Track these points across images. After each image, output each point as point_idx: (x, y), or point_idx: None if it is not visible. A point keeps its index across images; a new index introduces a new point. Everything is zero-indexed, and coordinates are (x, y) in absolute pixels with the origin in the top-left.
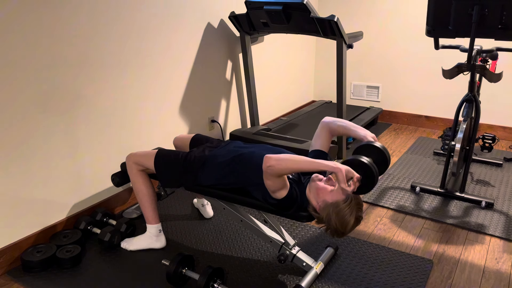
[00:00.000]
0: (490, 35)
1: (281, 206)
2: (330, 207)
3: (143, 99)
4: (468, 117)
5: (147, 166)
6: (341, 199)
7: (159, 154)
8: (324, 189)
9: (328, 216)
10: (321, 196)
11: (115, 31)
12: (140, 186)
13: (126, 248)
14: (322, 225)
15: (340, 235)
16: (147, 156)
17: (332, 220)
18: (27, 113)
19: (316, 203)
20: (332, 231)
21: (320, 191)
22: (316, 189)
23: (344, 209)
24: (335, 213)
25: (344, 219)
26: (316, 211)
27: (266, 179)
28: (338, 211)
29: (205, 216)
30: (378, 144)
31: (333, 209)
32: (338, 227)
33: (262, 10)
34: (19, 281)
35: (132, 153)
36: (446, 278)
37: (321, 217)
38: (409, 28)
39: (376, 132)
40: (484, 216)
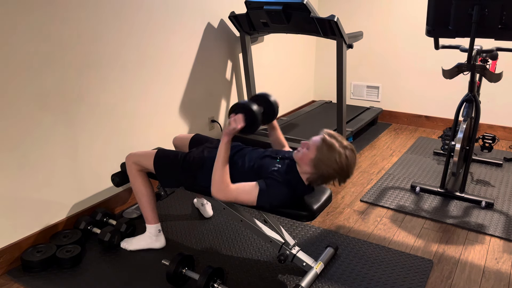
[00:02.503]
0: (490, 35)
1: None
2: (316, 159)
3: (143, 99)
4: (468, 117)
5: (146, 166)
6: (318, 147)
7: (158, 154)
8: (302, 156)
9: (322, 167)
10: (305, 161)
11: (115, 31)
12: (139, 186)
13: (126, 248)
14: (332, 182)
15: (346, 173)
16: (146, 156)
17: (329, 166)
18: (27, 113)
19: (309, 170)
20: (338, 175)
21: (301, 160)
22: (300, 161)
23: (327, 150)
24: (324, 159)
25: (333, 156)
26: (314, 174)
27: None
28: (323, 156)
29: (205, 215)
30: (272, 97)
31: (319, 157)
32: (336, 166)
33: (262, 10)
34: (19, 281)
35: (132, 153)
36: (446, 278)
37: (321, 173)
38: (409, 28)
39: (376, 132)
40: (484, 216)
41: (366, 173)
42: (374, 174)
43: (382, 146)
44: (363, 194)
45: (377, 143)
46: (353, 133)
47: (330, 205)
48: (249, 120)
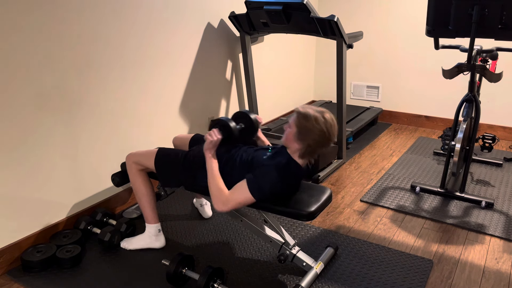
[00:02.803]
0: (490, 35)
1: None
2: (298, 132)
3: (143, 99)
4: (468, 117)
5: (146, 166)
6: (296, 121)
7: (159, 154)
8: (286, 136)
9: (306, 137)
10: (290, 139)
11: (115, 31)
12: (140, 186)
13: (126, 247)
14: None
15: (329, 135)
16: (147, 155)
17: (311, 133)
18: (27, 113)
19: (296, 145)
20: (323, 139)
21: (287, 140)
22: (287, 142)
23: (304, 120)
24: (304, 129)
25: (311, 123)
26: (302, 148)
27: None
28: (303, 126)
29: (204, 216)
30: (252, 115)
31: (299, 130)
32: (317, 131)
33: (262, 10)
34: (19, 281)
35: (132, 152)
36: (446, 278)
37: (307, 144)
38: (409, 28)
39: (376, 132)
40: (484, 216)
41: (366, 173)
42: (374, 174)
43: (382, 146)
44: (363, 194)
45: (377, 143)
46: (353, 133)
47: (330, 205)
48: (226, 134)
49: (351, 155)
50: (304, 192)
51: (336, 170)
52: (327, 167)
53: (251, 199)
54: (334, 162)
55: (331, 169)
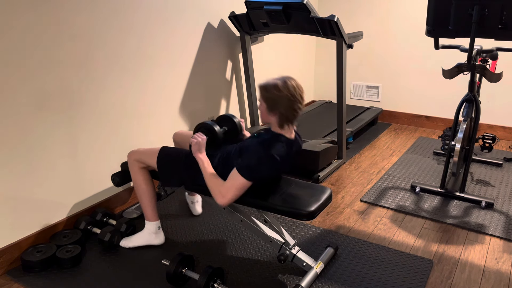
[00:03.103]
0: (490, 35)
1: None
2: (268, 106)
3: (143, 99)
4: (468, 117)
5: (148, 164)
6: (262, 97)
7: (162, 152)
8: (262, 115)
9: (276, 106)
10: (265, 115)
11: (115, 31)
12: (141, 183)
13: (125, 246)
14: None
15: (295, 94)
16: (149, 153)
17: (279, 99)
18: (27, 113)
19: (272, 118)
20: (292, 101)
21: (264, 117)
22: (265, 120)
23: (266, 91)
24: (271, 99)
25: (274, 91)
26: (278, 117)
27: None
28: (269, 98)
29: (194, 213)
30: (236, 119)
31: (268, 102)
32: (283, 95)
33: (262, 10)
34: (19, 281)
35: (134, 150)
36: (446, 278)
37: (280, 112)
38: (409, 28)
39: (376, 132)
40: (484, 216)
41: (366, 173)
42: (374, 174)
43: (382, 146)
44: (363, 194)
45: (377, 143)
46: (353, 133)
47: (330, 205)
48: (210, 136)
49: (351, 155)
50: (304, 192)
51: (336, 170)
52: (327, 167)
53: (245, 182)
54: (334, 162)
55: (331, 169)
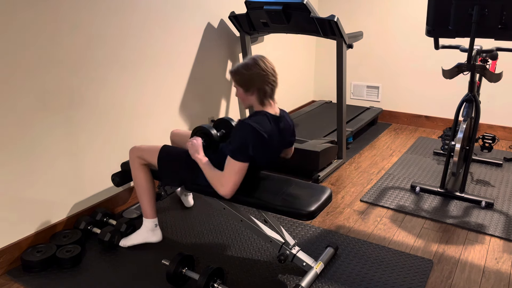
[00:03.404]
0: (490, 35)
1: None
2: (244, 88)
3: (143, 99)
4: (468, 117)
5: (149, 161)
6: (235, 82)
7: (163, 151)
8: (241, 99)
9: (251, 84)
10: (243, 97)
11: (115, 30)
12: (141, 180)
13: (124, 245)
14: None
15: (267, 69)
16: (150, 151)
17: (253, 77)
18: (26, 113)
19: (252, 98)
20: (265, 76)
21: (244, 100)
22: (245, 103)
23: (237, 74)
24: (245, 80)
25: (246, 70)
26: (257, 95)
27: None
28: (242, 79)
29: (186, 205)
30: (234, 122)
31: (242, 85)
32: (255, 72)
33: (262, 10)
34: (19, 281)
35: (136, 146)
36: (446, 278)
37: (257, 88)
38: (409, 28)
39: (376, 132)
40: (484, 216)
41: (366, 173)
42: (374, 174)
43: (382, 146)
44: (363, 194)
45: (377, 143)
46: (353, 133)
47: (330, 205)
48: (208, 140)
49: (351, 155)
50: (304, 192)
51: (336, 170)
52: (327, 167)
53: (240, 164)
54: (334, 162)
55: (331, 169)
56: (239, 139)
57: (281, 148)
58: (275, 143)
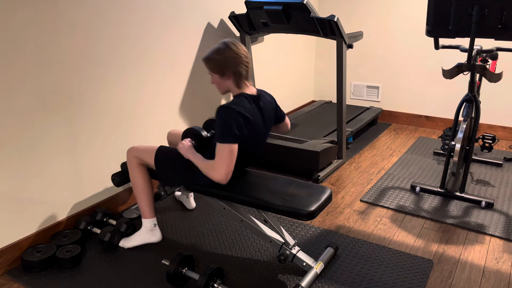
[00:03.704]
0: (490, 35)
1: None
2: (219, 75)
3: (143, 99)
4: (468, 117)
5: (146, 162)
6: (209, 69)
7: (159, 151)
8: (218, 87)
9: (226, 67)
10: (219, 82)
11: (114, 30)
12: (139, 180)
13: (124, 246)
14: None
15: (238, 55)
16: (147, 151)
17: (226, 60)
18: (26, 113)
19: (228, 82)
20: (238, 58)
21: (221, 87)
22: (223, 87)
23: (210, 60)
24: (218, 65)
25: (217, 55)
26: (233, 78)
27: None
28: (216, 64)
29: (188, 207)
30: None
31: (216, 71)
32: (228, 56)
33: (262, 10)
34: (19, 281)
35: (134, 146)
36: (446, 278)
37: (233, 71)
38: (409, 28)
39: (376, 132)
40: (484, 216)
41: (366, 173)
42: (374, 174)
43: (382, 146)
44: (363, 194)
45: (377, 143)
46: (353, 133)
47: (330, 205)
48: (198, 141)
49: (351, 155)
50: (304, 192)
51: (336, 170)
52: (327, 167)
53: (227, 146)
54: (334, 162)
55: (331, 169)
56: (221, 123)
57: (268, 127)
58: (258, 121)
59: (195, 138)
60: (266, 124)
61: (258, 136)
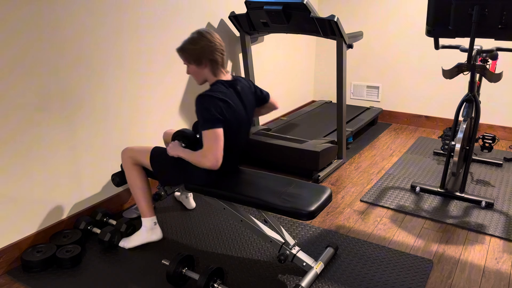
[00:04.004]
0: (490, 35)
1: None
2: (195, 64)
3: (144, 99)
4: (468, 117)
5: (142, 162)
6: (183, 59)
7: (154, 152)
8: (195, 76)
9: (202, 55)
10: (198, 73)
11: (114, 31)
12: (135, 179)
13: (124, 246)
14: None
15: (213, 43)
16: (142, 152)
17: (201, 48)
18: (26, 113)
19: (204, 69)
20: (213, 45)
21: (198, 77)
22: (200, 77)
23: (184, 51)
24: (194, 53)
25: (192, 44)
26: (209, 66)
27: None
28: (190, 53)
29: (188, 207)
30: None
31: (193, 61)
32: (203, 45)
33: (262, 10)
34: (19, 281)
35: (128, 147)
36: (446, 278)
37: (209, 59)
38: (409, 28)
39: (376, 132)
40: (484, 216)
41: (366, 173)
42: (374, 174)
43: (382, 146)
44: (363, 194)
45: (377, 143)
46: (353, 133)
47: (330, 205)
48: (187, 142)
49: (351, 155)
50: (304, 192)
51: (336, 170)
52: (327, 167)
53: (213, 132)
54: (334, 162)
55: (331, 169)
56: (201, 110)
57: (249, 110)
58: (238, 105)
59: (184, 139)
60: (247, 108)
61: (240, 119)
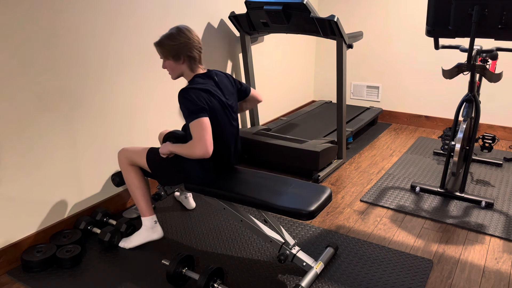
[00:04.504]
0: (490, 35)
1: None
2: (173, 60)
3: (144, 100)
4: (468, 117)
5: (138, 163)
6: (162, 55)
7: (150, 153)
8: (173, 72)
9: (180, 52)
10: (176, 69)
11: (113, 31)
12: (132, 179)
13: (125, 246)
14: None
15: (191, 40)
16: (138, 153)
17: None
18: (26, 113)
19: (183, 66)
20: (190, 43)
21: (175, 72)
22: (176, 73)
23: (163, 47)
24: (173, 53)
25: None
26: (187, 62)
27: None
28: (170, 50)
29: (188, 207)
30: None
31: (172, 57)
32: (182, 41)
33: (262, 10)
34: (19, 281)
35: (124, 148)
36: (446, 278)
37: (187, 56)
38: (409, 28)
39: (376, 132)
40: (484, 216)
41: (366, 173)
42: (374, 174)
43: (382, 146)
44: (363, 194)
45: (377, 143)
46: (353, 133)
47: (330, 205)
48: (175, 141)
49: (351, 155)
50: (304, 192)
51: (336, 170)
52: (327, 167)
53: (198, 122)
54: (334, 162)
55: (331, 169)
56: (185, 103)
57: (230, 99)
58: (217, 92)
59: (173, 139)
60: (226, 95)
61: (223, 105)
